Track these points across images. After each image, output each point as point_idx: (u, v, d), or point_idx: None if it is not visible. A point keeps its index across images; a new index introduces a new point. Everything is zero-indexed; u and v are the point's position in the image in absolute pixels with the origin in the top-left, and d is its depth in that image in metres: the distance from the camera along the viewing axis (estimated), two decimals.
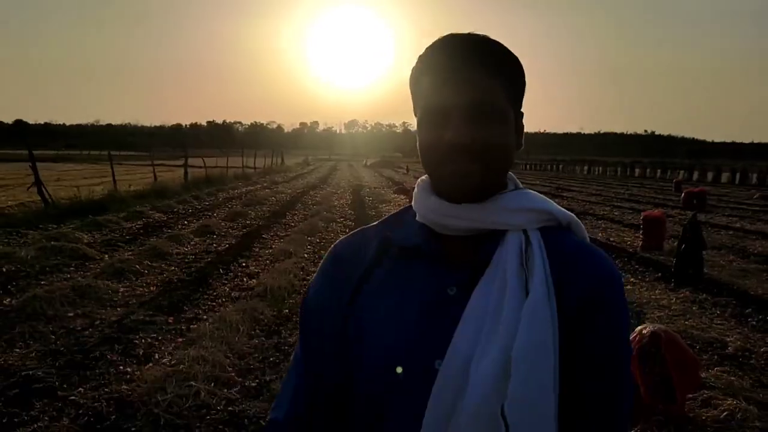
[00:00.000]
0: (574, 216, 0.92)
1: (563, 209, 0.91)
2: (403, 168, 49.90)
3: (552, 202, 0.92)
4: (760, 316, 6.04)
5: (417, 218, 0.91)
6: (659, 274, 8.04)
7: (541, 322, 0.77)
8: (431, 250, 0.88)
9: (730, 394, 3.91)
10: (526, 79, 0.91)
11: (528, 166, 77.59)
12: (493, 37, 0.86)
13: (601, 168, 61.42)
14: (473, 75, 0.82)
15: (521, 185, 0.92)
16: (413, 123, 0.91)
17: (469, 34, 0.85)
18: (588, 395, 0.81)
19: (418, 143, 0.87)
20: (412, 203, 0.94)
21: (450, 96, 0.82)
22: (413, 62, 0.89)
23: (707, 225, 13.92)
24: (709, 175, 44.29)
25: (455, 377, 0.78)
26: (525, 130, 0.92)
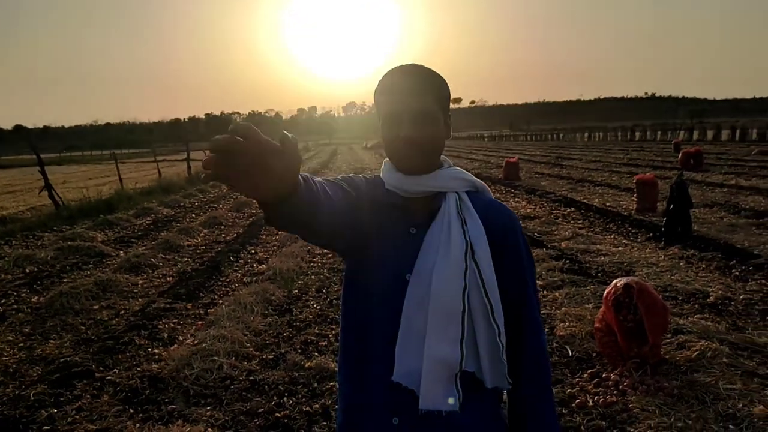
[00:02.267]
0: (484, 183, 1.41)
1: (476, 179, 1.38)
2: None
3: (471, 174, 1.38)
4: (743, 267, 6.37)
5: (386, 186, 1.34)
6: (650, 235, 8.38)
7: (482, 238, 1.26)
8: (400, 206, 1.32)
9: (704, 337, 4.26)
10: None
11: (529, 137, 77.43)
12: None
13: (601, 134, 61.33)
14: (415, 94, 1.25)
15: (452, 164, 1.38)
16: None
17: (412, 65, 1.28)
18: (508, 281, 1.29)
19: (382, 138, 1.31)
20: (381, 175, 1.37)
21: (401, 107, 1.25)
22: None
23: (703, 184, 14.21)
24: (710, 134, 44.30)
25: (420, 284, 1.23)
26: (525, 101, 1.40)
